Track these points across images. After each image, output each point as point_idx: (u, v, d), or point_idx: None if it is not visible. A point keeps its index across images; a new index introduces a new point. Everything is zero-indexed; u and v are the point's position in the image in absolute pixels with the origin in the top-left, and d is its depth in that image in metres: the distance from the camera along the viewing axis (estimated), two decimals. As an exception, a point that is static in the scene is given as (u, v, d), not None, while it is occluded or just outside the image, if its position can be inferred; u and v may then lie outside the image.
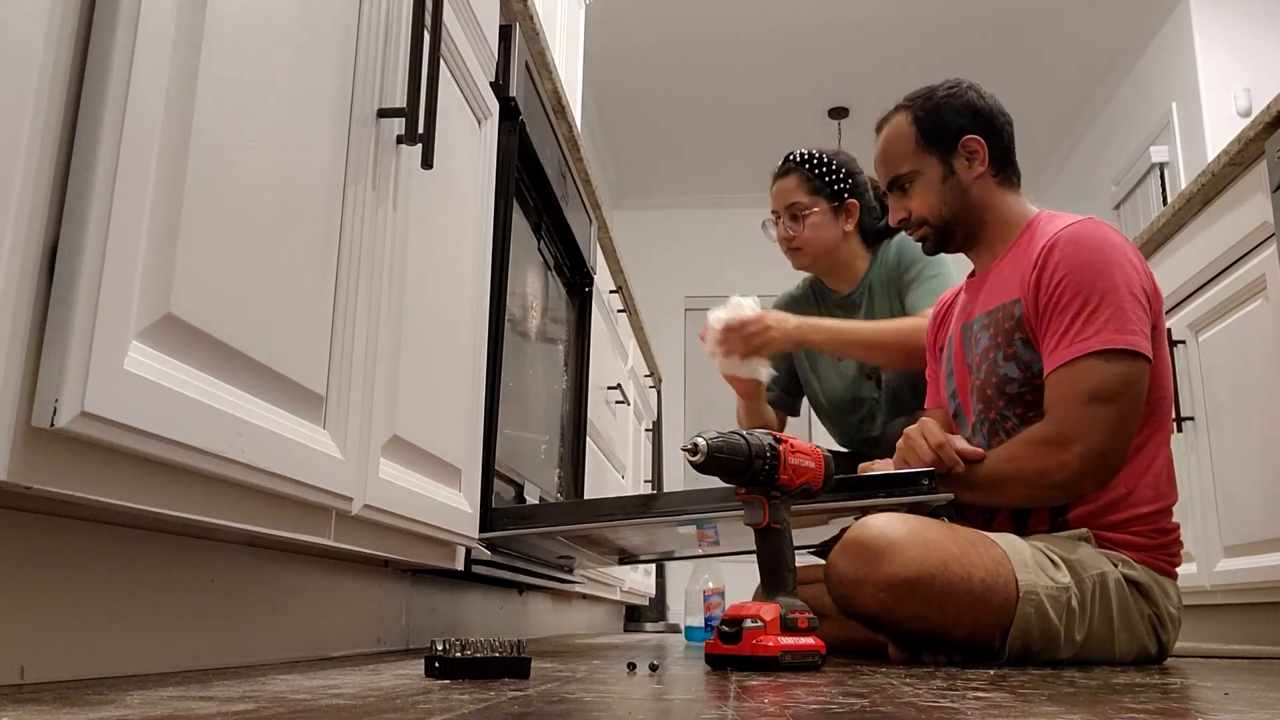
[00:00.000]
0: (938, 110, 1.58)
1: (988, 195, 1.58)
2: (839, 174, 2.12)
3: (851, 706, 0.72)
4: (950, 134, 1.57)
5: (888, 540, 1.31)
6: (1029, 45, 5.17)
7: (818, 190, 2.11)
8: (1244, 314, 2.23)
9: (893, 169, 1.62)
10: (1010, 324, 1.50)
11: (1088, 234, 1.46)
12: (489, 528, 1.50)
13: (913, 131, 1.60)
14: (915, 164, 1.60)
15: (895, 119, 1.63)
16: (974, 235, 1.61)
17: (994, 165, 1.58)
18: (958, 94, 1.59)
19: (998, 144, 1.58)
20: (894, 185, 1.63)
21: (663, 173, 6.67)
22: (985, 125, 1.58)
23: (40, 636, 0.77)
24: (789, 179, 2.14)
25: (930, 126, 1.58)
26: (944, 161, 1.58)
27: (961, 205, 1.58)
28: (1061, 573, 1.36)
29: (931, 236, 1.62)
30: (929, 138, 1.58)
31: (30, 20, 0.61)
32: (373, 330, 1.09)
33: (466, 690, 0.80)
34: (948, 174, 1.58)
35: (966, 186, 1.58)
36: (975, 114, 1.58)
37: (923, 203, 1.60)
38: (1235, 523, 2.27)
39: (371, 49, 1.11)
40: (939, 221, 1.60)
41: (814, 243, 2.12)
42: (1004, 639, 1.32)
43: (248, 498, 0.88)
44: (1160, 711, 0.72)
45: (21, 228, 0.60)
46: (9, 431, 0.60)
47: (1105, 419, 1.38)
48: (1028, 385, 1.48)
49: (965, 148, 1.57)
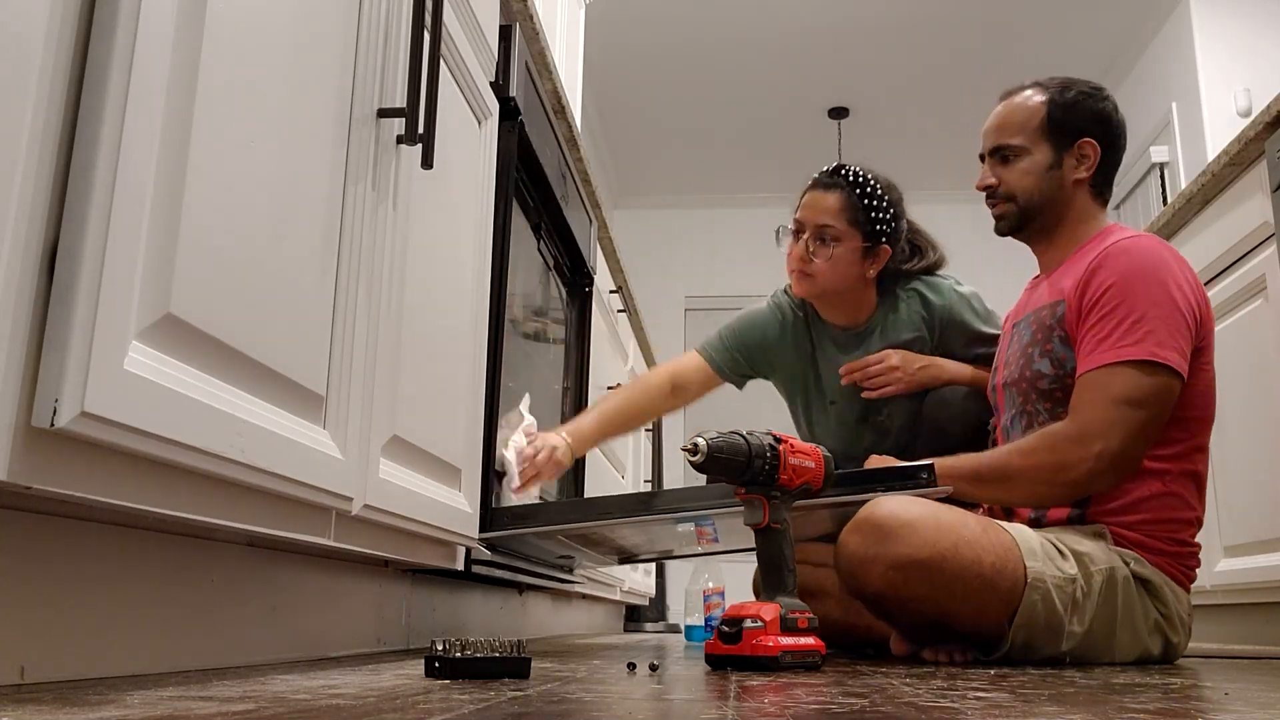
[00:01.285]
0: (1073, 104, 1.59)
1: (1078, 199, 1.60)
2: (887, 212, 1.85)
3: (851, 706, 0.72)
4: (1074, 130, 1.58)
5: (900, 520, 1.31)
6: (1029, 45, 5.17)
7: (858, 221, 1.84)
8: (1244, 314, 2.23)
9: (1005, 137, 1.61)
10: (1051, 321, 1.52)
11: (1144, 247, 1.48)
12: (489, 527, 1.50)
13: (1042, 112, 1.59)
14: (1030, 142, 1.60)
15: (1029, 93, 1.63)
16: (1049, 230, 1.62)
17: (1096, 175, 1.59)
18: (1097, 97, 1.60)
19: (1109, 158, 1.59)
20: (996, 153, 1.63)
21: (663, 173, 6.67)
22: (1108, 136, 1.59)
23: (40, 636, 0.77)
24: (832, 195, 1.86)
25: (1060, 115, 1.59)
26: (1056, 152, 1.59)
27: (1053, 198, 1.59)
28: (1069, 564, 1.36)
29: (1011, 215, 1.62)
30: (1054, 125, 1.59)
31: (30, 20, 0.61)
32: (373, 330, 1.09)
33: (466, 690, 0.80)
34: (1054, 165, 1.59)
35: (1065, 183, 1.59)
36: (1103, 122, 1.59)
37: (1020, 180, 1.60)
38: (1235, 523, 2.27)
39: (371, 49, 1.11)
40: (1027, 203, 1.60)
41: (829, 277, 1.86)
42: (1008, 627, 1.32)
43: (248, 498, 0.88)
44: (1160, 711, 0.72)
45: (21, 228, 0.60)
46: (9, 431, 0.60)
47: (1129, 422, 1.39)
48: (1058, 383, 1.50)
49: (1080, 149, 1.58)
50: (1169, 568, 1.44)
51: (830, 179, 1.88)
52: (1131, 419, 1.39)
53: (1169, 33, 4.73)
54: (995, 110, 1.66)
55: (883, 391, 1.83)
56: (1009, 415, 1.60)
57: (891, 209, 1.87)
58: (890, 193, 1.88)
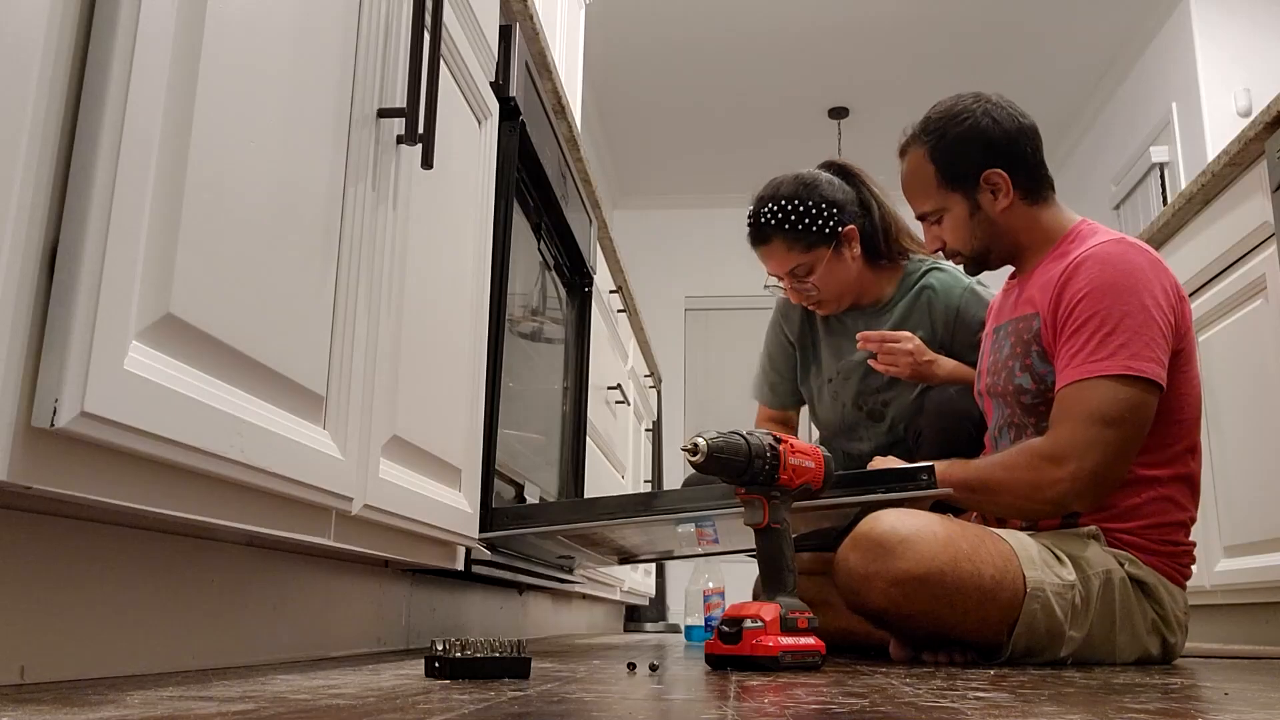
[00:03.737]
0: (953, 148, 1.54)
1: (1018, 220, 1.56)
2: (823, 212, 1.87)
3: (851, 706, 0.72)
4: (971, 170, 1.54)
5: (899, 536, 1.31)
6: (1029, 45, 5.17)
7: (811, 243, 1.87)
8: (1244, 314, 2.23)
9: (919, 206, 1.61)
10: (1029, 336, 1.51)
11: (1115, 255, 1.44)
12: (489, 527, 1.50)
13: (932, 170, 1.56)
14: (940, 202, 1.58)
15: (913, 154, 1.59)
16: (1011, 256, 1.61)
17: (1020, 190, 1.55)
18: (971, 125, 1.53)
19: (1021, 168, 1.54)
20: (923, 219, 1.63)
21: (663, 173, 6.67)
22: (1004, 153, 1.53)
23: (40, 636, 0.77)
24: (773, 245, 1.89)
25: (948, 165, 1.55)
26: (968, 198, 1.55)
27: (992, 235, 1.57)
28: (1067, 569, 1.36)
29: (969, 262, 1.62)
30: (949, 176, 1.55)
31: (30, 21, 0.61)
32: (373, 330, 1.09)
33: (466, 690, 0.80)
34: (974, 209, 1.56)
35: (994, 218, 1.56)
36: (990, 144, 1.53)
37: (954, 237, 1.59)
38: (1235, 523, 2.27)
39: (371, 49, 1.11)
40: (972, 252, 1.60)
41: (833, 290, 1.92)
42: (1009, 636, 1.32)
43: (248, 498, 0.88)
44: (1160, 711, 0.72)
45: (21, 228, 0.60)
46: (9, 431, 0.60)
47: (1105, 441, 1.37)
48: (1040, 398, 1.49)
49: (988, 182, 1.54)
50: (1163, 568, 1.44)
51: (760, 233, 1.90)
52: (1107, 437, 1.37)
53: (1169, 33, 4.73)
54: (901, 173, 1.64)
55: (888, 369, 1.82)
56: (996, 424, 1.60)
57: (821, 203, 1.87)
58: (810, 193, 1.87)
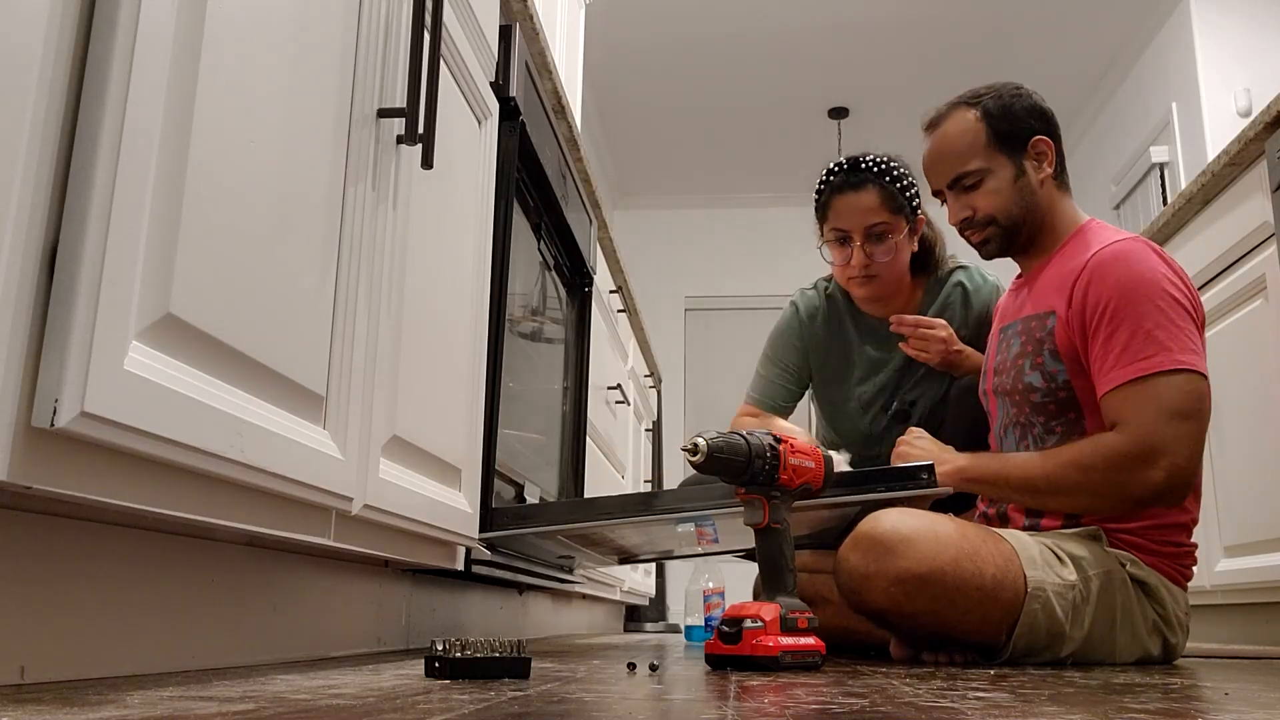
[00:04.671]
0: (1009, 108, 1.55)
1: (1051, 198, 1.57)
2: (912, 187, 1.85)
3: (851, 706, 0.72)
4: (1022, 134, 1.55)
5: (900, 535, 1.31)
6: (1029, 45, 5.17)
7: (899, 208, 1.83)
8: (1244, 314, 2.23)
9: (959, 166, 1.56)
10: (1042, 334, 1.49)
11: (1138, 253, 1.44)
12: (489, 527, 1.50)
13: (983, 129, 1.55)
14: (986, 162, 1.55)
15: (960, 114, 1.57)
16: (1036, 238, 1.58)
17: (1056, 168, 1.57)
18: (1024, 94, 1.57)
19: (1059, 148, 1.58)
20: (957, 183, 1.57)
21: (663, 173, 6.67)
22: (1051, 127, 1.57)
23: (40, 636, 0.77)
24: (867, 193, 1.82)
25: (1003, 124, 1.54)
26: (1014, 162, 1.55)
27: (1031, 206, 1.55)
28: (1068, 570, 1.36)
29: (997, 237, 1.58)
30: (1001, 136, 1.54)
31: (30, 21, 0.61)
32: (373, 330, 1.09)
33: (466, 690, 0.80)
34: (1019, 174, 1.55)
35: (1036, 188, 1.55)
36: (1042, 115, 1.57)
37: (993, 201, 1.55)
38: (1235, 523, 2.27)
39: (371, 49, 1.11)
40: (1009, 221, 1.56)
41: (894, 269, 1.85)
42: (1009, 636, 1.32)
43: (247, 498, 0.88)
44: (1160, 711, 0.72)
45: (21, 228, 0.60)
46: (9, 431, 0.60)
47: (1188, 436, 1.36)
48: (1050, 396, 1.48)
49: (1035, 149, 1.55)
50: (1165, 568, 1.44)
51: (856, 177, 1.85)
52: (1189, 431, 1.36)
53: (1169, 33, 4.73)
54: (930, 144, 1.61)
55: (919, 354, 1.81)
56: (1001, 423, 1.59)
57: (913, 183, 1.86)
58: (906, 167, 1.88)
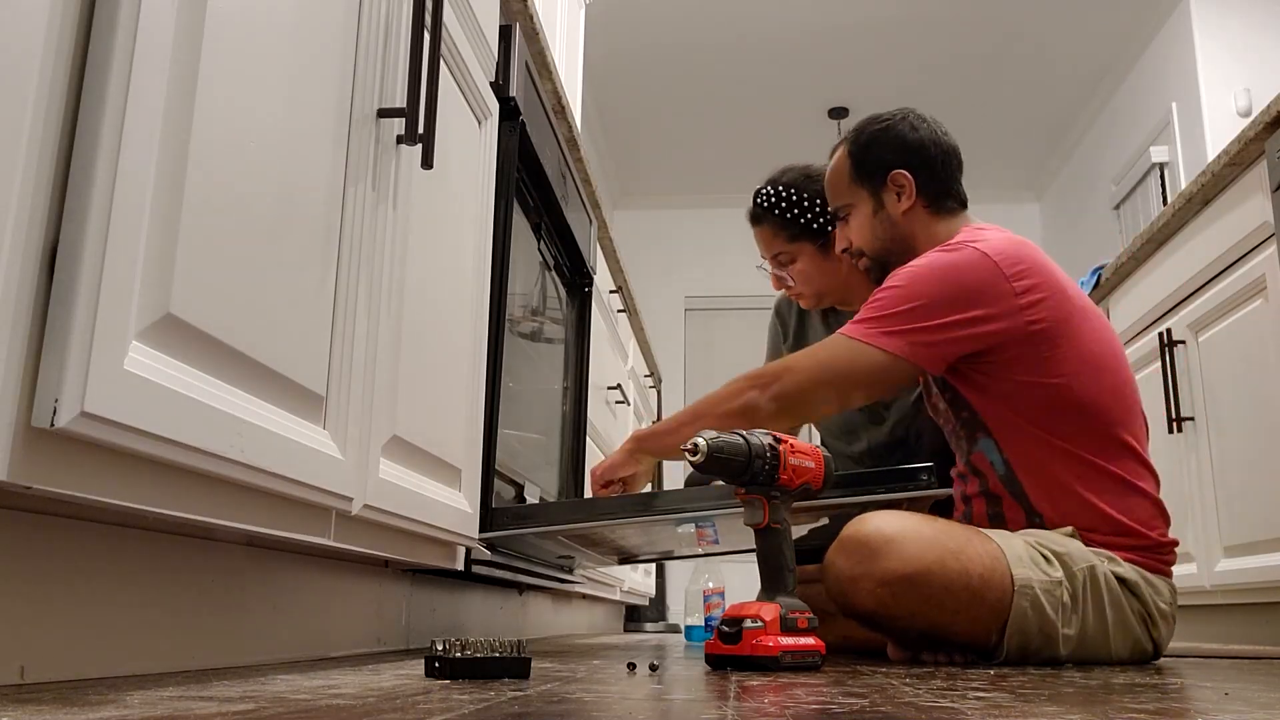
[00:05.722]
0: (868, 146, 1.63)
1: (919, 226, 1.61)
2: (815, 207, 1.90)
3: (851, 706, 0.72)
4: (879, 168, 1.62)
5: (885, 536, 1.31)
6: (1029, 45, 5.17)
7: (797, 234, 1.91)
8: (1244, 314, 2.23)
9: (833, 200, 1.69)
10: None
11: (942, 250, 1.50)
12: (489, 527, 1.50)
13: (847, 165, 1.65)
14: (849, 197, 1.65)
15: (837, 152, 1.69)
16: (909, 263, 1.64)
17: (925, 196, 1.60)
18: (890, 127, 1.63)
19: (927, 176, 1.60)
20: (836, 216, 1.70)
21: (663, 173, 6.67)
22: (915, 159, 1.61)
23: (40, 636, 0.77)
24: (762, 227, 1.95)
25: (862, 161, 1.63)
26: (874, 195, 1.63)
27: (892, 236, 1.62)
28: (1054, 567, 1.36)
29: (870, 268, 1.67)
30: (861, 172, 1.64)
31: (30, 21, 0.61)
32: (373, 330, 1.09)
33: (466, 690, 0.80)
34: (878, 207, 1.63)
35: (896, 219, 1.61)
36: (905, 148, 1.61)
37: (858, 234, 1.66)
38: (1235, 523, 2.27)
39: (371, 49, 1.11)
40: (875, 252, 1.65)
41: (813, 286, 1.94)
42: (1001, 636, 1.32)
43: (247, 498, 0.88)
44: (1160, 711, 0.72)
45: (21, 228, 0.60)
46: (9, 431, 0.60)
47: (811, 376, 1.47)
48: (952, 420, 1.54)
49: (894, 182, 1.61)
50: (1142, 560, 1.43)
51: (753, 211, 1.97)
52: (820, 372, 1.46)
53: (1169, 33, 4.73)
54: None
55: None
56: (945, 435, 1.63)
57: (818, 201, 1.91)
58: (808, 185, 1.93)
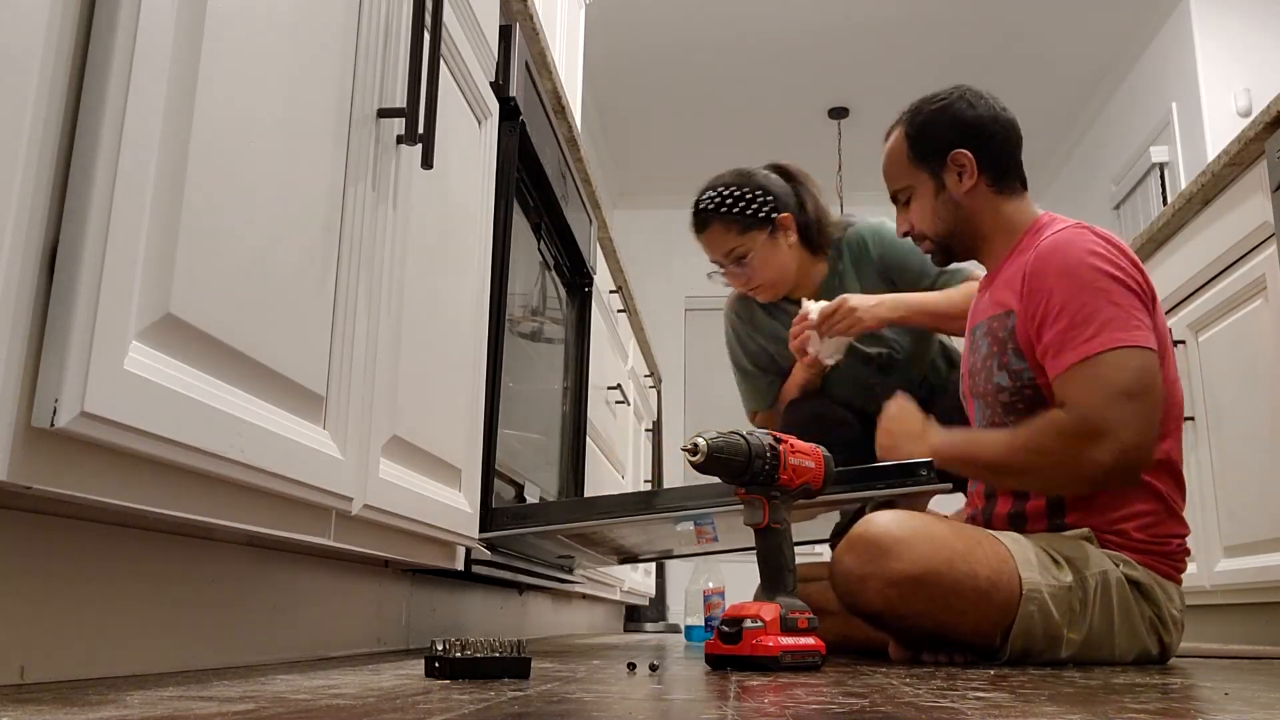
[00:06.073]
0: (926, 125, 1.60)
1: (984, 205, 1.59)
2: (758, 198, 1.99)
3: (851, 706, 0.72)
4: (939, 149, 1.59)
5: (894, 537, 1.31)
6: (1029, 45, 5.17)
7: (746, 226, 1.99)
8: (1244, 314, 2.23)
9: (892, 184, 1.65)
10: (1004, 334, 1.51)
11: (1073, 240, 1.46)
12: (489, 527, 1.50)
13: (905, 147, 1.62)
14: (909, 180, 1.62)
15: (893, 134, 1.65)
16: (976, 245, 1.62)
17: (987, 175, 1.58)
18: (947, 106, 1.59)
19: (988, 154, 1.58)
20: (895, 200, 1.66)
21: (663, 173, 6.66)
22: (974, 137, 1.58)
23: (40, 636, 0.77)
24: (712, 229, 2.02)
25: (920, 142, 1.60)
26: (935, 176, 1.60)
27: (956, 218, 1.60)
28: (1064, 572, 1.36)
29: (935, 250, 1.64)
30: (919, 153, 1.60)
31: (30, 21, 0.61)
32: (373, 330, 1.09)
33: (466, 690, 0.80)
34: (939, 189, 1.60)
35: (959, 200, 1.59)
36: (964, 126, 1.58)
37: (920, 218, 1.62)
38: (1235, 523, 2.27)
39: (371, 49, 1.11)
40: (937, 235, 1.62)
41: (769, 274, 2.02)
42: (1005, 638, 1.32)
43: (248, 498, 0.88)
44: (1160, 711, 0.72)
45: (21, 228, 0.60)
46: (9, 431, 0.60)
47: (1135, 414, 1.37)
48: (1018, 395, 1.50)
49: (954, 162, 1.58)
50: (1156, 565, 1.44)
51: (698, 218, 2.03)
52: (1136, 410, 1.37)
53: (1169, 33, 4.73)
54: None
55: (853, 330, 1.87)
56: (979, 424, 1.61)
57: (758, 189, 1.98)
58: (746, 180, 2.00)
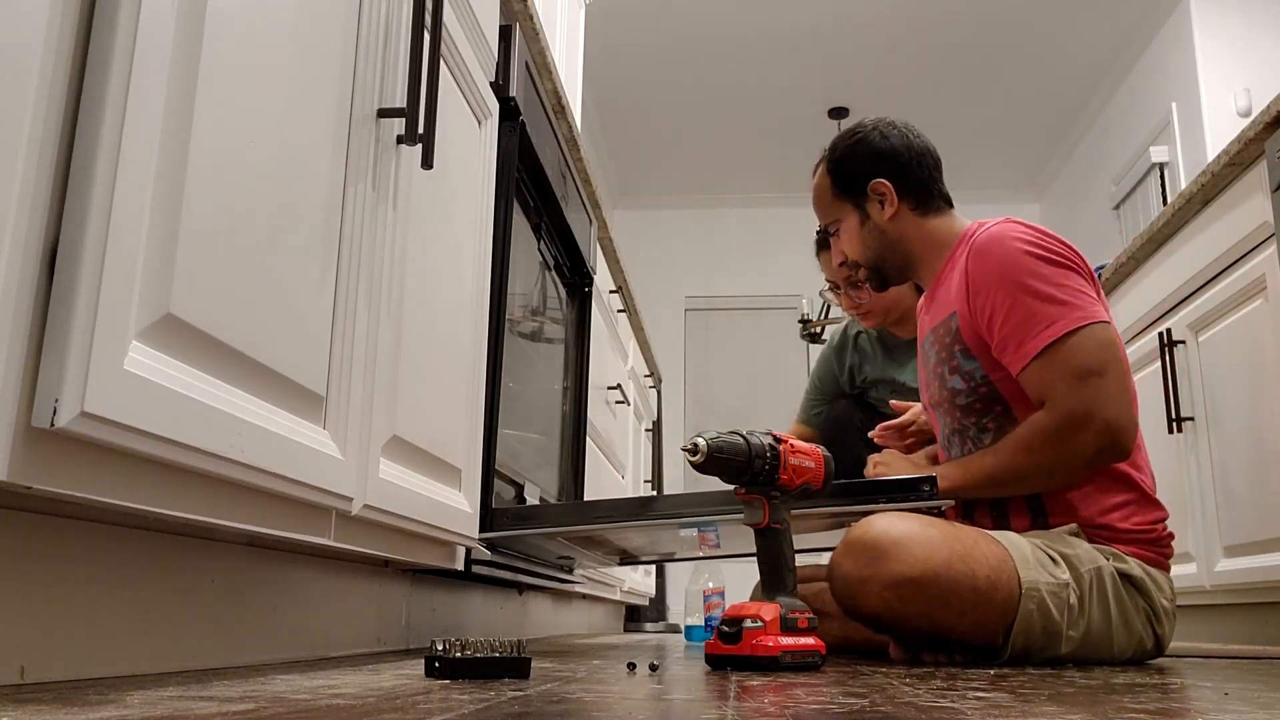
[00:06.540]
0: (844, 159, 1.67)
1: (909, 229, 1.64)
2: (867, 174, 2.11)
3: (851, 706, 0.72)
4: (858, 179, 1.65)
5: (892, 539, 1.31)
6: (1029, 45, 5.17)
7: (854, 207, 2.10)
8: (1244, 314, 2.23)
9: (821, 219, 1.73)
10: (949, 337, 1.55)
11: (1002, 233, 1.50)
12: (489, 528, 1.50)
13: (828, 183, 1.69)
14: (836, 213, 1.69)
15: (818, 171, 1.72)
16: (909, 266, 1.67)
17: (909, 200, 1.63)
18: (862, 139, 1.66)
19: (905, 180, 1.63)
20: (826, 232, 1.74)
21: (663, 173, 6.67)
22: (890, 165, 1.64)
23: (40, 636, 0.77)
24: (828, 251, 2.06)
25: (841, 176, 1.67)
26: (859, 207, 1.66)
27: (883, 244, 1.66)
28: (1061, 569, 1.37)
29: (870, 278, 1.71)
30: (842, 186, 1.67)
31: (30, 20, 0.61)
32: (373, 330, 1.09)
33: (466, 690, 0.80)
34: (864, 218, 1.66)
35: (884, 227, 1.65)
36: (879, 156, 1.64)
37: (850, 247, 1.70)
38: (1235, 523, 2.27)
39: (371, 49, 1.11)
40: (868, 262, 1.68)
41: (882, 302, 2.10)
42: (1006, 637, 1.32)
43: (248, 498, 0.88)
44: (1160, 711, 0.72)
45: (21, 228, 0.60)
46: (9, 431, 0.60)
47: (1110, 388, 1.41)
48: (974, 395, 1.53)
49: (875, 191, 1.64)
50: (1145, 555, 1.45)
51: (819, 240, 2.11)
52: (1106, 386, 1.40)
53: (1169, 33, 4.73)
54: None
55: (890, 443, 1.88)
56: (944, 434, 1.63)
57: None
58: None
